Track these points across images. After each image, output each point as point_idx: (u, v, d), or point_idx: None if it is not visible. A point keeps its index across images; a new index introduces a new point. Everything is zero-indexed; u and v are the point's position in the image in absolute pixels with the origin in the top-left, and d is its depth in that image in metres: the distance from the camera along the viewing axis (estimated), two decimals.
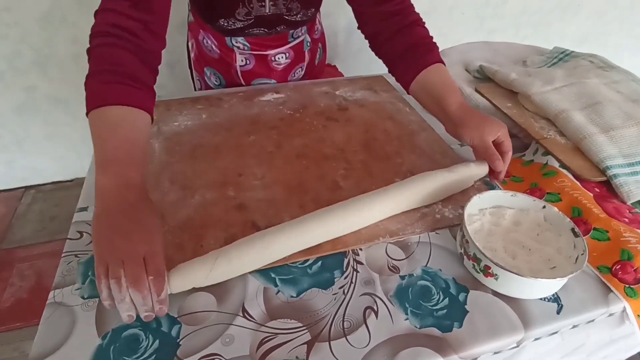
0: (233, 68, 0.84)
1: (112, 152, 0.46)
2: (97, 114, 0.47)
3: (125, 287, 0.38)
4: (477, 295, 0.46)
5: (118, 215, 0.42)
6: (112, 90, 0.48)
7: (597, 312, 0.46)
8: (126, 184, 0.44)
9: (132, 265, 0.38)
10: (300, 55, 0.87)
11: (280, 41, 0.82)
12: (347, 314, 0.44)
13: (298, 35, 0.84)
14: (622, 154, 0.58)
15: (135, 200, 0.44)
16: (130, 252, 0.39)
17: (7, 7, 1.29)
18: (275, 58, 0.84)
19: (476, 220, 0.51)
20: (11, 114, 1.51)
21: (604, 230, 0.51)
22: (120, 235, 0.40)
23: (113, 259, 0.38)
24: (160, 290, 0.39)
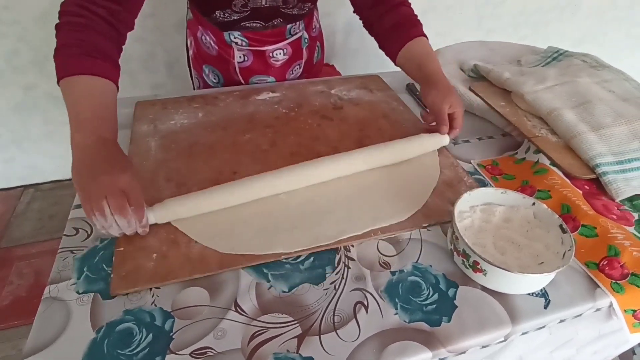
0: (231, 65, 0.85)
1: (85, 114, 0.51)
2: (69, 82, 0.52)
3: (110, 216, 0.45)
4: (467, 290, 0.47)
5: (96, 160, 0.48)
6: (80, 62, 0.53)
7: (584, 307, 0.46)
8: (100, 139, 0.50)
9: (114, 197, 0.45)
10: (298, 52, 0.88)
11: (278, 37, 0.82)
12: (338, 309, 0.45)
13: (296, 32, 0.84)
14: (612, 152, 0.59)
15: (110, 150, 0.50)
16: (112, 186, 0.46)
17: (5, 6, 1.29)
18: (273, 54, 0.84)
19: (467, 217, 0.52)
20: (10, 112, 1.52)
21: (592, 227, 0.51)
22: (100, 172, 0.47)
23: (96, 194, 0.45)
24: (141, 217, 0.48)
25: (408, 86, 0.89)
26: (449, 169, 0.64)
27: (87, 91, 0.52)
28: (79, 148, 0.49)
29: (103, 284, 0.46)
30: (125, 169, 0.49)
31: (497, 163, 0.66)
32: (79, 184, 0.47)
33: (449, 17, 1.81)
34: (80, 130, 0.50)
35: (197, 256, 0.49)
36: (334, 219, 0.54)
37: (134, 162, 0.62)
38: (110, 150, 0.51)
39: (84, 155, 0.49)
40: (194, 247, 0.50)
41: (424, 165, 0.65)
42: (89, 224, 0.53)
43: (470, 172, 0.64)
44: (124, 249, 0.49)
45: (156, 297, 0.45)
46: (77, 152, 0.49)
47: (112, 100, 0.55)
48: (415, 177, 0.62)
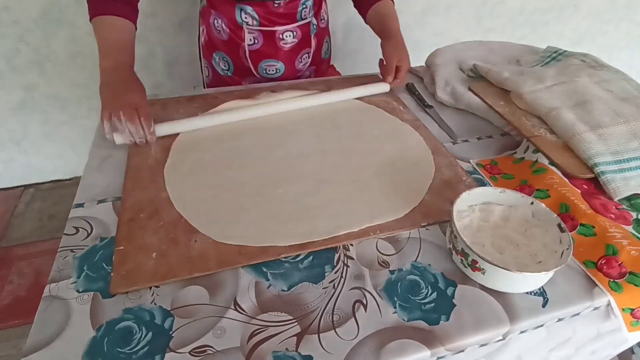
0: (242, 48, 0.86)
1: (110, 45, 0.68)
2: (97, 21, 0.68)
3: (123, 121, 0.61)
4: (465, 289, 0.47)
5: (116, 81, 0.65)
6: (106, 5, 0.68)
7: (582, 306, 0.47)
8: (120, 64, 0.67)
9: (127, 109, 0.61)
10: (306, 39, 0.89)
11: (289, 19, 0.84)
12: (337, 307, 0.45)
13: (305, 17, 0.86)
14: (610, 152, 0.59)
15: (126, 74, 0.67)
16: (126, 102, 0.62)
17: (5, 6, 1.29)
18: (283, 36, 0.85)
19: (465, 217, 0.52)
20: (10, 112, 1.52)
21: (591, 226, 0.52)
22: (118, 92, 0.63)
23: (114, 106, 0.62)
24: (149, 126, 0.63)
25: (407, 86, 0.89)
26: (447, 168, 0.64)
27: (110, 28, 0.68)
28: (104, 72, 0.65)
29: (103, 283, 0.46)
30: (138, 90, 0.66)
31: (496, 162, 0.66)
32: (103, 97, 0.63)
33: (448, 17, 1.81)
34: (105, 58, 0.66)
35: (196, 255, 0.49)
36: (330, 214, 0.55)
37: (134, 162, 0.63)
38: (126, 73, 0.68)
39: (107, 76, 0.65)
40: (193, 246, 0.50)
41: (419, 162, 0.65)
42: (89, 223, 0.54)
43: (469, 171, 0.64)
44: (124, 247, 0.49)
45: (156, 295, 0.45)
46: (102, 74, 0.65)
47: (131, 35, 0.71)
48: (410, 174, 0.62)
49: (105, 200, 0.57)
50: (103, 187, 0.60)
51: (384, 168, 0.63)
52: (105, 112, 0.62)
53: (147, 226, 0.52)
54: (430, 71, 0.88)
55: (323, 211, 0.55)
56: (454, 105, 0.81)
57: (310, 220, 0.54)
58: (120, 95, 0.63)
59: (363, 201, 0.57)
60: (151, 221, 0.53)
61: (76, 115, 1.59)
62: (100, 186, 0.60)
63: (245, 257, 0.49)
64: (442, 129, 0.75)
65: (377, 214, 0.55)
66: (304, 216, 0.54)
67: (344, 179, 0.61)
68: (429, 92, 0.87)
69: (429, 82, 0.87)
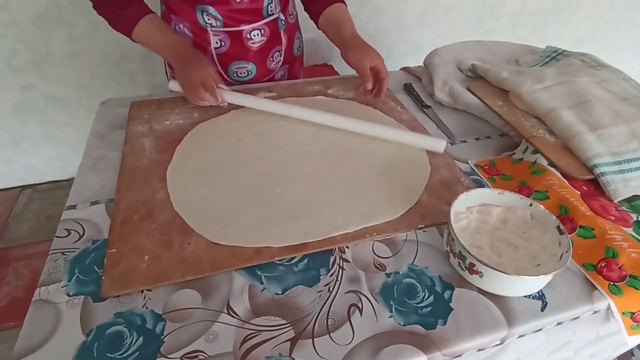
0: (208, 53, 0.82)
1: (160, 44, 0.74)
2: (136, 35, 0.73)
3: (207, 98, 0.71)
4: (463, 292, 0.47)
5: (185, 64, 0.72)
6: (128, 19, 0.72)
7: (582, 310, 0.46)
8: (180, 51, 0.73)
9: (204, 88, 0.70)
10: (276, 36, 0.85)
11: (254, 16, 0.80)
12: (332, 312, 0.44)
13: (272, 12, 0.82)
14: (610, 152, 0.58)
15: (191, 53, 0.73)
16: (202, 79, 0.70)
17: (3, 7, 1.29)
18: (250, 35, 0.82)
19: (463, 219, 0.51)
20: (8, 113, 1.52)
21: (590, 228, 0.51)
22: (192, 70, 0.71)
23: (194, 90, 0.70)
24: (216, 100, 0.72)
25: (405, 86, 0.88)
26: (445, 169, 0.63)
27: (149, 31, 0.73)
28: (174, 66, 0.73)
29: (94, 286, 0.45)
30: (206, 65, 0.71)
31: (495, 163, 0.66)
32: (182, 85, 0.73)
33: (448, 18, 1.80)
34: (166, 54, 0.75)
35: (190, 258, 0.48)
36: (326, 215, 0.54)
37: (129, 163, 0.62)
38: (191, 53, 0.73)
39: (178, 69, 0.72)
40: (186, 249, 0.49)
41: (414, 163, 0.64)
42: (81, 225, 0.53)
43: (467, 172, 0.63)
44: (116, 250, 0.49)
45: (148, 299, 0.45)
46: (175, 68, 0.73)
47: (160, 22, 0.75)
48: (406, 175, 0.62)
49: (99, 202, 0.57)
50: (97, 188, 0.59)
51: (380, 169, 0.63)
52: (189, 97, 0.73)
53: (140, 228, 0.52)
54: (428, 71, 0.88)
55: (320, 212, 0.55)
56: (452, 106, 0.80)
57: (306, 221, 0.53)
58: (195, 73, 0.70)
59: (360, 202, 0.56)
60: (144, 223, 0.52)
61: (75, 115, 1.59)
62: (94, 187, 0.59)
63: (239, 260, 0.48)
64: (440, 129, 0.75)
65: (374, 214, 0.54)
66: (301, 217, 0.54)
67: (341, 180, 0.60)
68: (427, 92, 0.86)
69: (427, 82, 0.86)
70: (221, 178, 0.60)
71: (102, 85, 1.53)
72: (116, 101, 0.79)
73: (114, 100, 0.80)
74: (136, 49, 1.46)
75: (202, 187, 0.58)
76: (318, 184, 0.59)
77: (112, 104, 0.79)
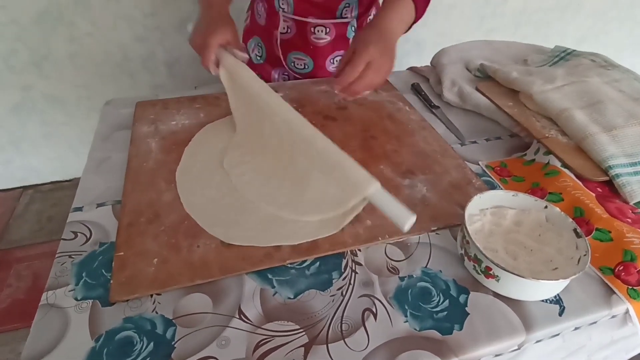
0: (274, 36, 0.85)
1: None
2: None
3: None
4: (478, 296, 0.46)
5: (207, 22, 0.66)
6: None
7: (600, 314, 0.45)
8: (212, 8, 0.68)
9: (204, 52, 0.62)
10: (342, 39, 0.85)
11: (326, 13, 0.80)
12: (346, 316, 0.43)
13: (346, 15, 0.81)
14: (625, 154, 0.57)
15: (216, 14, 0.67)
16: (206, 43, 0.62)
17: (2, 5, 1.28)
18: (315, 30, 0.82)
19: (477, 221, 0.50)
20: (8, 113, 1.50)
21: (607, 231, 0.50)
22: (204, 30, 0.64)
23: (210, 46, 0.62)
24: (206, 65, 0.64)
25: (413, 86, 0.87)
26: (456, 170, 0.62)
27: None
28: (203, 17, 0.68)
29: (102, 290, 0.45)
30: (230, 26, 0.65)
31: (506, 164, 0.65)
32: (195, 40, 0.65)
33: (451, 17, 1.79)
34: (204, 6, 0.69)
35: (198, 261, 0.47)
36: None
37: (134, 164, 0.61)
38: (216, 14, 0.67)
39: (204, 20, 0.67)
40: (195, 252, 0.48)
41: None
42: (88, 228, 0.52)
43: (478, 173, 0.63)
44: (124, 253, 0.48)
45: (157, 303, 0.44)
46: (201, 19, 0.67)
47: None
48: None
49: (105, 204, 0.55)
50: (102, 190, 0.58)
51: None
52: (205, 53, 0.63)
53: (147, 231, 0.51)
54: (436, 71, 0.87)
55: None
56: (460, 106, 0.79)
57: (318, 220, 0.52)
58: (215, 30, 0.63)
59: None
60: (152, 226, 0.51)
61: (75, 115, 1.58)
62: (100, 189, 0.58)
63: (249, 263, 0.47)
64: (450, 129, 0.74)
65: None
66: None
67: None
68: (435, 93, 0.85)
69: (435, 82, 0.85)
70: (228, 179, 0.59)
71: (103, 86, 1.52)
72: (120, 101, 0.78)
73: (117, 100, 0.79)
74: (137, 48, 1.45)
75: (210, 188, 0.57)
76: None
77: (116, 104, 0.78)
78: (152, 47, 1.46)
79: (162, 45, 1.48)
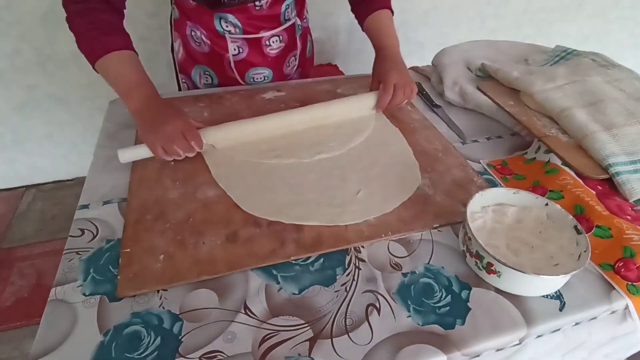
0: (225, 60, 0.82)
1: (128, 84, 0.62)
2: (101, 64, 0.62)
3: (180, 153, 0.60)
4: (480, 292, 0.46)
5: (152, 116, 0.61)
6: (102, 43, 0.61)
7: (600, 310, 0.46)
8: (147, 99, 0.62)
9: (179, 141, 0.59)
10: (292, 41, 0.86)
11: (273, 23, 0.80)
12: (350, 311, 0.44)
13: (289, 17, 0.82)
14: (625, 152, 0.58)
15: (158, 105, 0.62)
16: (172, 134, 0.59)
17: (7, 5, 1.29)
18: (269, 42, 0.81)
19: (478, 218, 0.51)
20: (11, 112, 1.51)
21: (607, 228, 0.51)
22: (162, 124, 0.59)
23: (164, 142, 0.58)
24: (201, 147, 0.62)
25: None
26: (458, 168, 0.63)
27: (119, 67, 0.62)
28: (135, 113, 0.62)
29: (110, 286, 0.45)
30: (176, 114, 0.61)
31: (507, 163, 0.65)
32: (147, 139, 0.59)
33: (453, 17, 1.80)
34: (130, 100, 0.62)
35: (205, 257, 0.48)
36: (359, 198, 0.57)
37: (140, 162, 0.62)
38: (158, 104, 0.62)
39: (141, 117, 0.61)
40: (201, 248, 0.49)
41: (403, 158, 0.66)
42: (94, 225, 0.53)
43: (479, 172, 0.63)
44: (131, 250, 0.48)
45: (164, 299, 0.44)
46: (136, 116, 0.62)
47: (139, 65, 0.65)
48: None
49: (111, 201, 0.56)
50: (108, 187, 0.59)
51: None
52: (157, 149, 0.59)
53: (153, 228, 0.52)
54: (437, 71, 0.87)
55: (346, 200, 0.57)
56: (462, 105, 0.80)
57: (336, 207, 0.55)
58: (163, 129, 0.59)
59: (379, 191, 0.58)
60: (158, 223, 0.52)
61: (78, 115, 1.59)
62: (106, 187, 0.59)
63: (254, 259, 0.48)
64: (451, 129, 0.74)
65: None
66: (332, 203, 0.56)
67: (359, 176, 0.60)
68: (436, 92, 0.86)
69: (437, 81, 0.86)
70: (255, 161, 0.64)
71: (107, 86, 1.52)
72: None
73: (123, 101, 0.79)
74: (141, 49, 1.45)
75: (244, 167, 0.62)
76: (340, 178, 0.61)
77: (121, 103, 0.78)
78: (155, 47, 1.47)
79: (165, 45, 1.49)
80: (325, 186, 0.59)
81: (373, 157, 0.65)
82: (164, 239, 0.50)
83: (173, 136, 0.58)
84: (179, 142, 0.59)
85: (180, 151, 0.59)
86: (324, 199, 0.56)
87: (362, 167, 0.63)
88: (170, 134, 0.58)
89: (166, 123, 0.59)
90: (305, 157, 0.64)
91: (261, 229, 0.52)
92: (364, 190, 0.58)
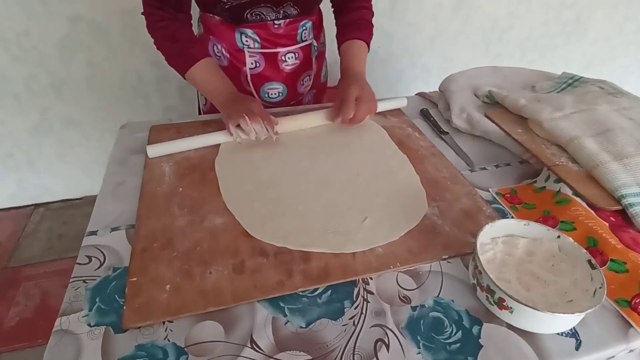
0: (242, 73, 0.86)
1: (213, 87, 0.77)
2: (190, 74, 0.76)
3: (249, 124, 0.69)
4: (492, 328, 0.45)
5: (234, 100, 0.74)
6: (187, 56, 0.76)
7: (618, 349, 0.44)
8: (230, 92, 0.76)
9: (251, 115, 0.70)
10: (308, 61, 0.89)
11: (290, 40, 0.84)
12: (358, 347, 0.43)
13: (305, 38, 0.86)
14: (637, 183, 0.57)
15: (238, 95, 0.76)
16: (249, 109, 0.71)
17: (26, 32, 1.33)
18: (285, 58, 0.85)
19: (489, 250, 0.50)
20: (25, 134, 1.55)
21: (622, 262, 0.49)
22: (239, 103, 0.73)
23: (238, 114, 0.70)
24: (272, 127, 0.72)
25: (422, 112, 0.88)
26: (467, 197, 0.63)
27: (204, 75, 0.77)
28: (220, 105, 0.76)
29: (115, 317, 0.45)
30: (254, 101, 0.74)
31: (516, 192, 0.65)
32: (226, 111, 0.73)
33: (457, 43, 1.83)
34: (216, 98, 0.76)
35: (211, 288, 0.48)
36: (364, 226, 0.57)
37: (148, 189, 0.62)
38: (239, 96, 0.76)
39: (224, 106, 0.74)
40: (207, 279, 0.49)
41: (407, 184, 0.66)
42: (102, 252, 0.53)
43: (488, 200, 0.63)
44: (137, 279, 0.48)
45: (169, 331, 0.44)
46: (220, 107, 0.76)
47: (218, 69, 0.78)
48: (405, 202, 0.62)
49: (119, 228, 0.56)
50: (117, 214, 0.59)
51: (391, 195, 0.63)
52: (231, 121, 0.70)
53: (160, 257, 0.51)
54: (444, 97, 0.88)
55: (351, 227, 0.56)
56: (469, 132, 0.80)
57: (342, 235, 0.55)
58: (241, 106, 0.71)
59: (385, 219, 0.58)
60: (165, 251, 0.52)
61: (89, 136, 1.62)
62: (114, 213, 0.59)
63: (261, 291, 0.48)
64: (459, 156, 0.74)
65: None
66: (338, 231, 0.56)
67: (362, 204, 0.60)
68: (444, 118, 0.86)
69: (444, 108, 0.87)
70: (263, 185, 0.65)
71: (118, 108, 1.56)
72: (135, 125, 0.81)
73: (132, 124, 0.81)
74: (152, 72, 1.50)
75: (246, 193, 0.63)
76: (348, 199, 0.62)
77: (131, 128, 0.80)
78: (166, 72, 1.51)
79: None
80: (331, 214, 0.58)
81: (380, 185, 0.65)
82: (171, 269, 0.50)
83: (245, 110, 0.69)
84: (251, 116, 0.69)
85: (250, 122, 0.68)
86: (330, 226, 0.56)
87: (368, 194, 0.62)
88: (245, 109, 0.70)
89: (245, 104, 0.71)
90: (312, 187, 0.64)
91: (268, 258, 0.51)
92: (370, 218, 0.58)
